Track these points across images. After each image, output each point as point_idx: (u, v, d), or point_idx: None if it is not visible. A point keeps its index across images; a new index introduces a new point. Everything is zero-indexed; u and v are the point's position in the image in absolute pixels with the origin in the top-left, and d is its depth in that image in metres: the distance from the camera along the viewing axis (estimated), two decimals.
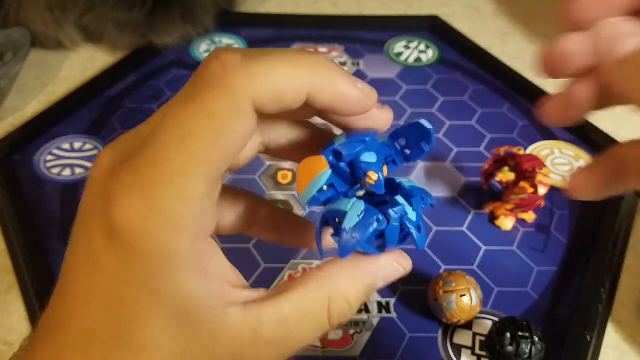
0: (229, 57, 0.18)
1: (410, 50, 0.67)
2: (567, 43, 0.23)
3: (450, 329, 0.41)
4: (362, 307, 0.42)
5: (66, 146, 0.54)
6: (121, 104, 0.59)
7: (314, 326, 0.20)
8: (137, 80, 0.62)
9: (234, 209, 0.25)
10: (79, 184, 0.51)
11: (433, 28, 0.71)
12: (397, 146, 0.22)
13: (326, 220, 0.21)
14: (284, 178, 0.51)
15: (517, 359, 0.36)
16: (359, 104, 0.20)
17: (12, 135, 0.54)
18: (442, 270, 0.44)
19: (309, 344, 0.20)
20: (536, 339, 0.37)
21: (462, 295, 0.38)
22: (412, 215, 0.20)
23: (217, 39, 0.68)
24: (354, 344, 0.40)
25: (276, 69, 0.18)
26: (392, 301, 0.42)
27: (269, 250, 0.45)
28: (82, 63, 0.64)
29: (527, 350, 0.36)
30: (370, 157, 0.20)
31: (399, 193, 0.21)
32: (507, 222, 0.48)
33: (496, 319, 0.40)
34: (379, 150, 0.21)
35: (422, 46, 0.68)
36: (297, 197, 0.49)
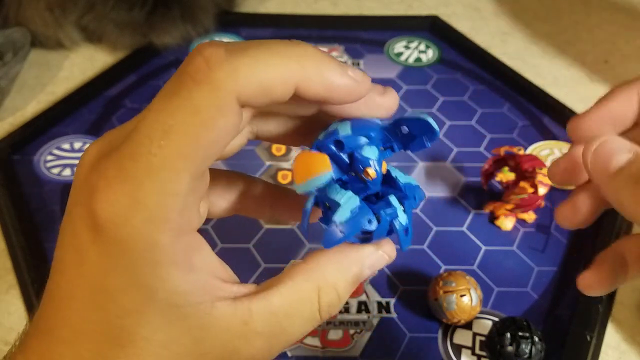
0: (213, 52, 0.18)
1: (410, 50, 0.67)
2: (572, 157, 0.25)
3: (450, 329, 0.41)
4: (362, 307, 0.42)
5: (66, 146, 0.54)
6: (121, 104, 0.59)
7: (304, 318, 0.20)
8: (137, 80, 0.62)
9: (226, 193, 0.24)
10: None
11: (433, 28, 0.71)
12: (399, 133, 0.21)
13: (317, 202, 0.21)
14: (284, 178, 0.51)
15: (517, 359, 0.36)
16: (351, 91, 0.19)
17: (12, 135, 0.54)
18: (442, 270, 0.44)
19: (300, 337, 0.20)
20: (536, 339, 0.37)
21: (462, 295, 0.38)
22: (402, 217, 0.20)
23: (217, 39, 0.68)
24: (354, 344, 0.40)
25: (261, 62, 0.18)
26: (392, 301, 0.42)
27: (269, 250, 0.45)
28: (82, 63, 0.64)
29: (527, 350, 0.36)
30: (370, 152, 0.20)
31: (393, 191, 0.21)
32: (507, 222, 0.48)
33: (496, 319, 0.40)
34: (380, 139, 0.21)
35: (422, 46, 0.68)
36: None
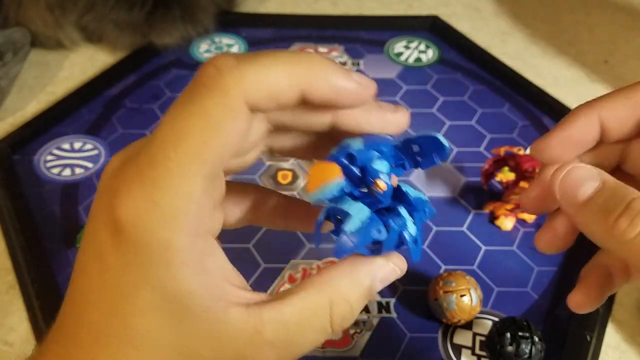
0: (223, 61, 0.19)
1: (410, 50, 0.67)
2: (542, 186, 0.25)
3: (450, 329, 0.41)
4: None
5: (66, 146, 0.54)
6: (121, 104, 0.59)
7: (315, 330, 0.20)
8: (137, 80, 0.62)
9: (241, 203, 0.25)
10: (79, 184, 0.51)
11: (433, 28, 0.71)
12: (410, 151, 0.22)
13: (329, 215, 0.21)
14: (284, 178, 0.51)
15: (517, 359, 0.36)
16: (356, 94, 0.20)
17: (12, 135, 0.54)
18: (442, 270, 0.44)
19: (310, 349, 0.20)
20: (536, 339, 0.37)
21: (462, 295, 0.38)
22: (412, 228, 0.21)
23: (217, 39, 0.68)
24: (354, 344, 0.40)
25: (267, 67, 0.19)
26: (392, 301, 0.42)
27: (269, 250, 0.45)
28: (82, 63, 0.64)
29: (527, 350, 0.36)
30: (381, 165, 0.21)
31: (403, 203, 0.21)
32: (507, 222, 0.48)
33: (496, 319, 0.40)
34: (392, 156, 0.21)
35: (422, 46, 0.68)
36: (297, 197, 0.49)
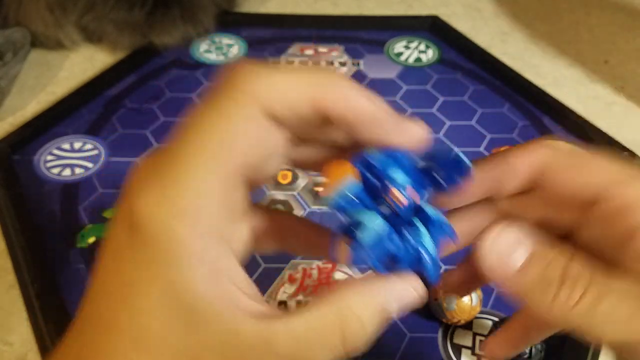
0: (244, 69, 0.19)
1: (410, 50, 0.67)
2: (467, 266, 0.25)
3: (450, 329, 0.41)
4: None
5: (66, 146, 0.54)
6: (121, 104, 0.59)
7: (326, 347, 0.19)
8: (137, 80, 0.62)
9: (272, 229, 0.24)
10: (79, 184, 0.51)
11: (433, 28, 0.71)
12: (434, 175, 0.21)
13: (346, 229, 0.20)
14: (284, 178, 0.51)
15: (517, 359, 0.36)
16: (372, 113, 0.20)
17: (12, 135, 0.54)
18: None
19: None
20: None
21: (462, 296, 0.38)
22: (429, 245, 0.20)
23: (217, 39, 0.68)
24: None
25: (287, 79, 0.19)
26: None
27: None
28: (82, 63, 0.64)
29: (527, 350, 0.36)
30: (397, 174, 0.20)
31: (421, 220, 0.21)
32: None
33: (496, 319, 0.40)
34: (412, 173, 0.21)
35: (422, 46, 0.68)
36: (297, 197, 0.49)
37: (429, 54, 0.67)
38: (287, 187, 0.51)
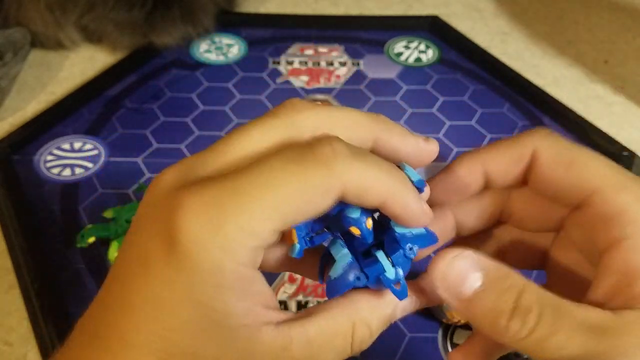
0: (340, 147, 0.20)
1: (410, 50, 0.67)
2: (418, 285, 0.24)
3: (450, 329, 0.41)
4: None
5: (66, 146, 0.54)
6: (121, 104, 0.59)
7: (336, 350, 0.21)
8: (137, 80, 0.62)
9: (278, 249, 0.25)
10: (79, 183, 0.51)
11: (433, 28, 0.71)
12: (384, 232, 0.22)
13: (326, 260, 0.22)
14: None
15: (517, 359, 0.36)
16: (418, 219, 0.21)
17: (12, 135, 0.54)
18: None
19: None
20: None
21: None
22: (390, 272, 0.21)
23: (217, 39, 0.68)
24: None
25: (370, 171, 0.20)
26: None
27: None
28: (82, 63, 0.64)
29: None
30: (353, 212, 0.21)
31: (386, 242, 0.22)
32: None
33: None
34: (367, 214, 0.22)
35: (422, 46, 0.68)
36: None
37: (429, 54, 0.67)
38: None
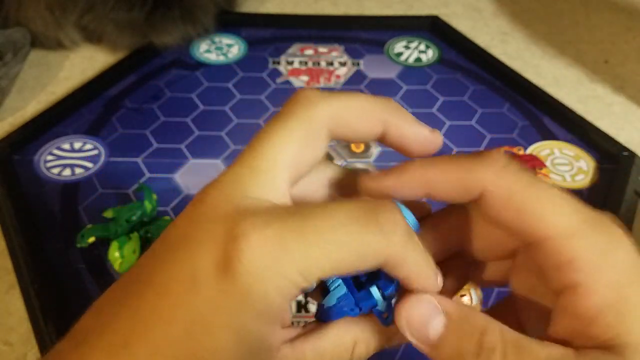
0: (400, 219, 0.20)
1: (410, 50, 0.67)
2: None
3: None
4: None
5: (66, 146, 0.54)
6: (121, 104, 0.59)
7: None
8: (137, 80, 0.62)
9: None
10: (79, 183, 0.51)
11: (433, 28, 0.71)
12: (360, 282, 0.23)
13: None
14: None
15: None
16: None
17: (12, 135, 0.54)
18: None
19: None
20: None
21: (462, 295, 0.38)
22: (381, 305, 0.22)
23: (217, 39, 0.68)
24: None
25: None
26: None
27: None
28: (82, 63, 0.64)
29: None
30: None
31: (379, 274, 0.22)
32: None
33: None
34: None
35: (422, 46, 0.68)
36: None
37: (429, 54, 0.67)
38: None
